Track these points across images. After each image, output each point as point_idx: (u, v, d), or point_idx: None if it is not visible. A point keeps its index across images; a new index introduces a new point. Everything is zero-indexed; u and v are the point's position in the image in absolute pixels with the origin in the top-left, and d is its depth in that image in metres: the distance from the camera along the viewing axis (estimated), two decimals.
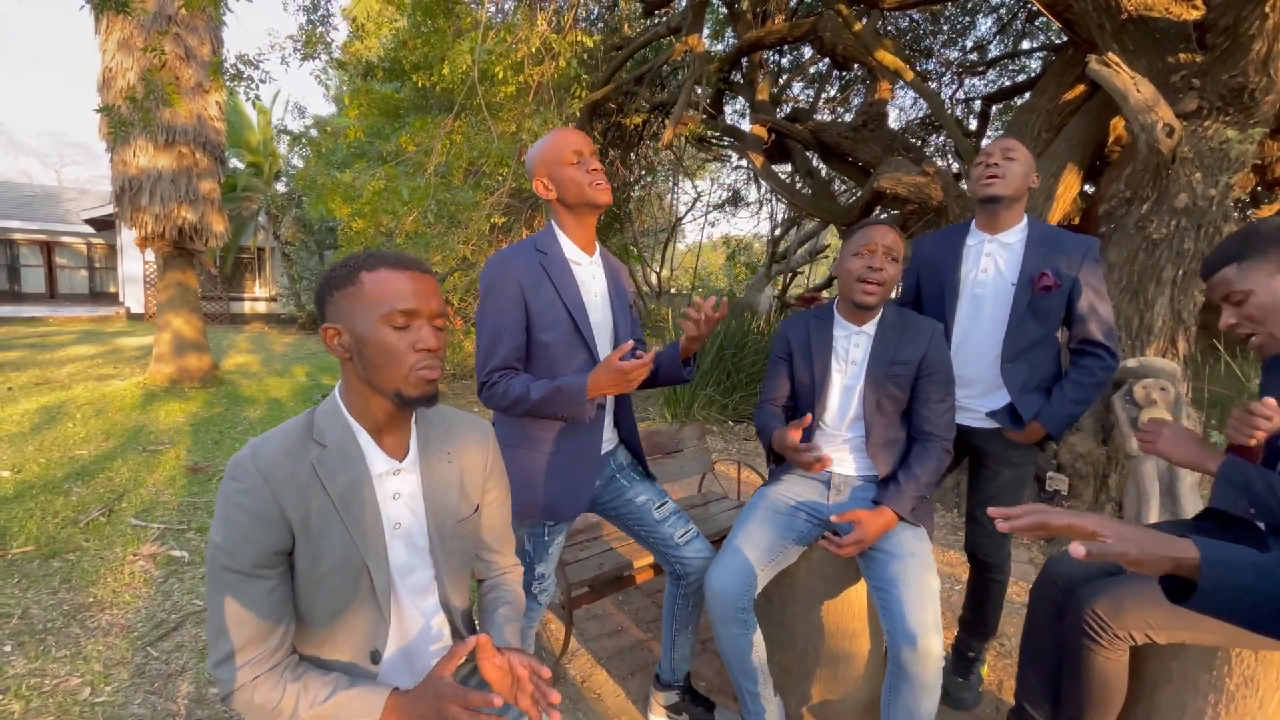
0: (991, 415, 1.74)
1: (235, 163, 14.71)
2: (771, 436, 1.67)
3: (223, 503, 0.83)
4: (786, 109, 7.55)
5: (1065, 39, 3.95)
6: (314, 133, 12.08)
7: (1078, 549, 0.69)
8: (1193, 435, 1.30)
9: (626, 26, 5.24)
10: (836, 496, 1.66)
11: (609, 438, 1.64)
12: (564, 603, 1.96)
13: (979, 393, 1.76)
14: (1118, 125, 3.64)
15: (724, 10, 6.81)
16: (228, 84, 4.47)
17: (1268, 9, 2.54)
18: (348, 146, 4.94)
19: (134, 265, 14.89)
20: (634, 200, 10.84)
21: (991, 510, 0.82)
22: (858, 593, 1.67)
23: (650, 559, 2.12)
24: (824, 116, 8.18)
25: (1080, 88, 3.77)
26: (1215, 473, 1.24)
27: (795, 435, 1.52)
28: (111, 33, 5.72)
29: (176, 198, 6.17)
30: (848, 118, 7.90)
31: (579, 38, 3.25)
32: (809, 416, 1.53)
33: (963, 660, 1.92)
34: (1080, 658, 1.28)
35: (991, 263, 1.73)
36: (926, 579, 1.43)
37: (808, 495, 1.68)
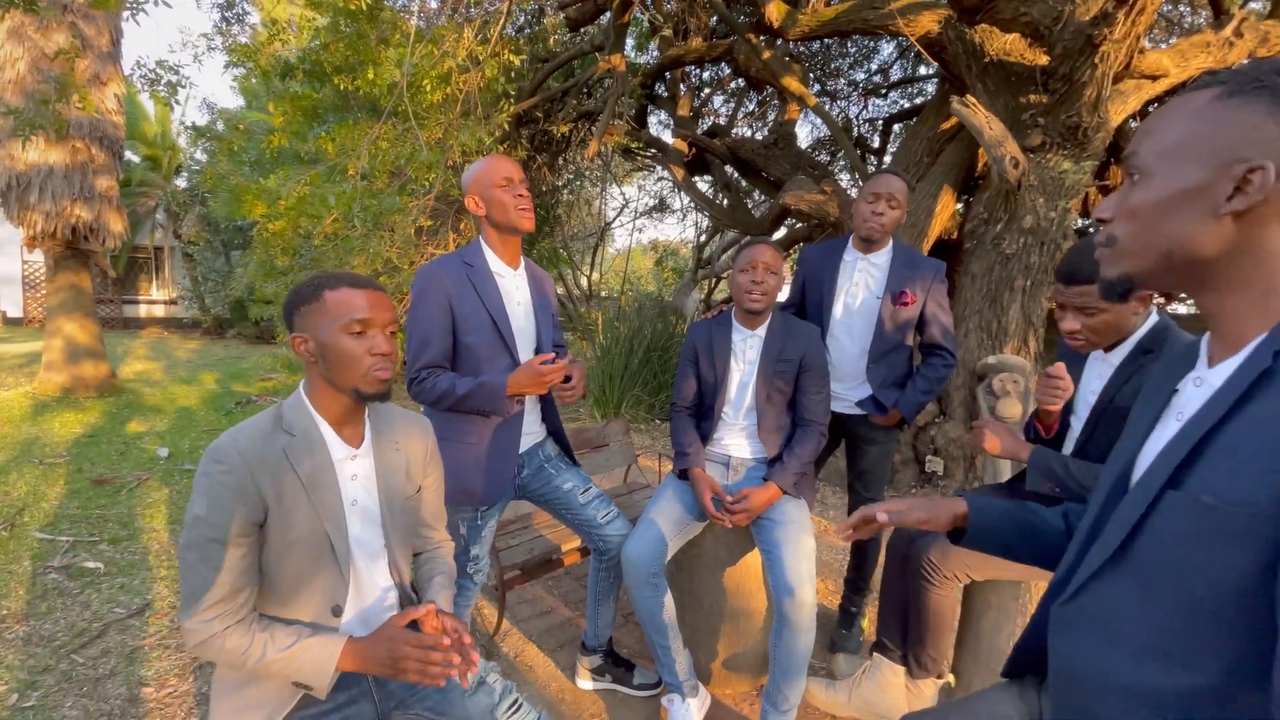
0: (859, 404, 2.07)
1: (130, 156, 13.68)
2: (680, 435, 1.94)
3: (205, 481, 0.98)
4: (707, 123, 7.95)
5: (944, 75, 4.47)
6: (220, 126, 11.45)
7: (881, 516, 0.97)
8: (1007, 431, 1.59)
9: (552, 40, 5.41)
10: (734, 476, 1.94)
11: (536, 431, 1.84)
12: (497, 585, 2.13)
13: (849, 386, 2.09)
14: (984, 153, 4.18)
15: (648, 25, 7.12)
16: (141, 89, 4.30)
17: (1096, 60, 3.06)
18: (271, 153, 4.84)
19: (10, 265, 13.53)
20: (563, 205, 10.97)
21: (836, 529, 1.08)
22: (754, 558, 1.94)
23: (577, 543, 2.33)
24: (744, 131, 8.66)
25: (955, 119, 4.30)
26: (1027, 460, 1.52)
27: (707, 497, 1.81)
28: (2, 21, 5.32)
29: (70, 195, 5.79)
30: (765, 133, 8.40)
31: (506, 55, 3.40)
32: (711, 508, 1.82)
33: (847, 615, 2.25)
34: (919, 596, 1.60)
35: (863, 279, 2.07)
36: (803, 540, 1.71)
37: (711, 476, 1.95)
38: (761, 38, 4.86)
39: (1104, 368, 1.47)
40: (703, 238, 12.27)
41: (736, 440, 1.96)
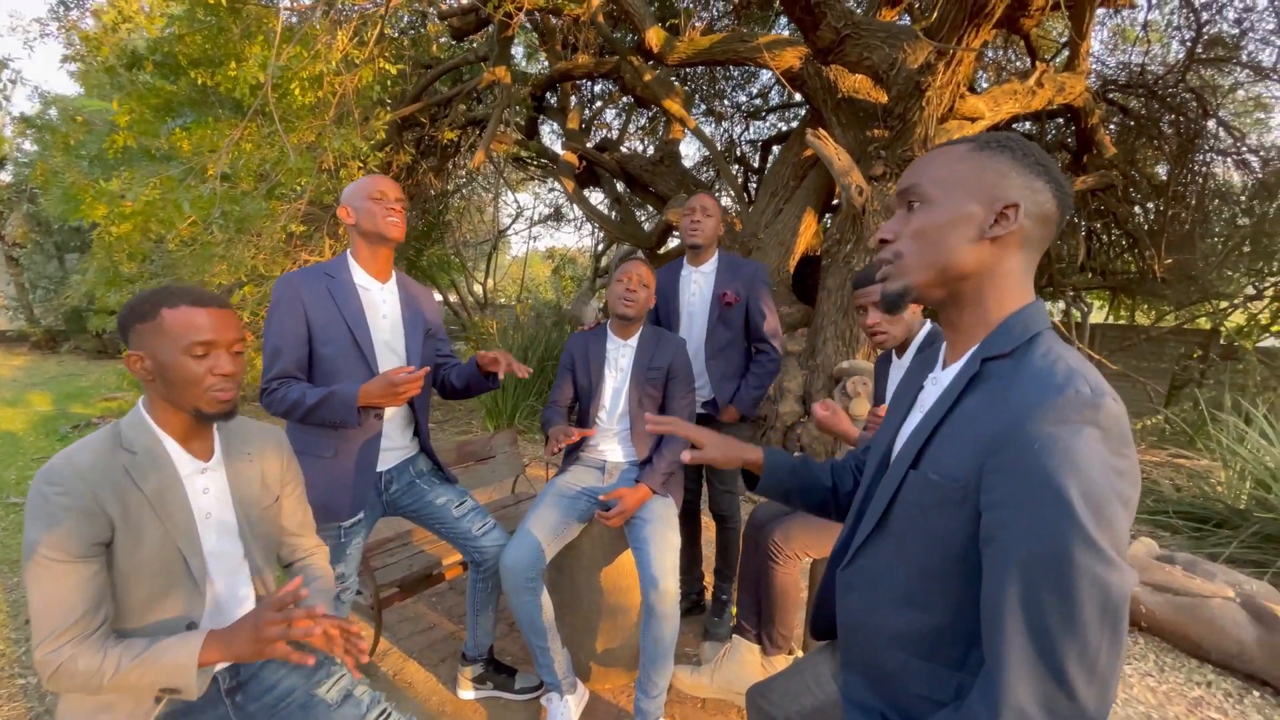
0: (704, 405, 2.30)
1: None
2: (550, 426, 2.03)
3: (42, 505, 0.94)
4: (599, 135, 8.13)
5: (807, 106, 4.91)
6: (53, 113, 10.09)
7: (686, 455, 1.12)
8: (843, 414, 1.85)
9: (435, 48, 5.34)
10: (609, 479, 2.05)
11: (406, 446, 1.86)
12: (373, 604, 2.10)
13: (697, 385, 2.30)
14: None
15: (536, 36, 7.18)
16: None
17: (924, 103, 3.51)
18: (115, 152, 4.39)
19: None
20: (453, 210, 10.72)
21: (648, 416, 1.19)
22: (628, 557, 2.06)
23: (458, 556, 2.34)
24: (635, 146, 8.93)
25: None
26: (858, 445, 1.80)
27: (566, 427, 1.91)
28: None
29: None
30: (654, 149, 8.71)
31: (381, 62, 3.33)
32: (577, 434, 1.95)
33: (717, 603, 2.43)
34: (768, 576, 1.80)
35: (697, 288, 2.32)
36: (668, 535, 1.86)
37: (588, 481, 2.05)
38: (644, 61, 5.08)
39: (898, 371, 1.76)
40: (600, 247, 12.46)
41: (610, 445, 2.08)
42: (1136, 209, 7.42)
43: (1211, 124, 6.52)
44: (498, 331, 7.32)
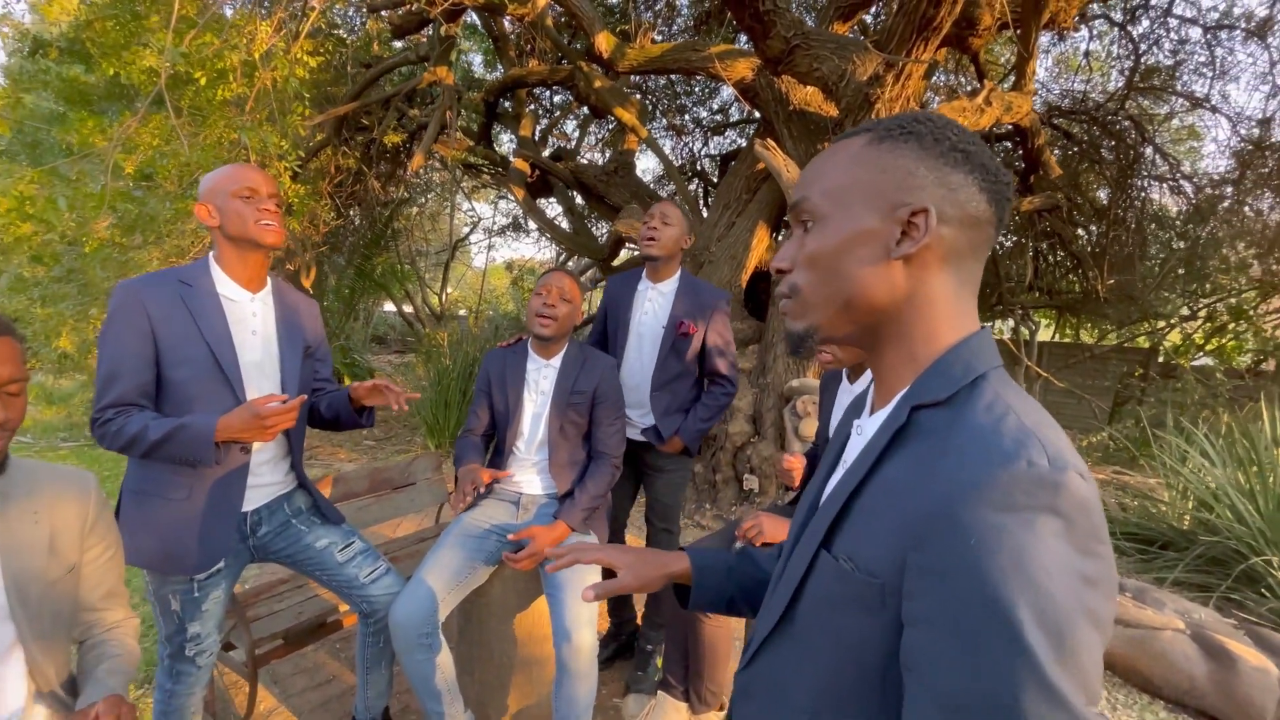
0: (643, 432, 2.08)
1: None
2: (460, 464, 1.79)
3: None
4: (556, 145, 7.95)
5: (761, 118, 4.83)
6: None
7: (588, 594, 0.87)
8: (778, 519, 1.64)
9: (376, 45, 5.08)
10: (524, 515, 1.83)
11: (280, 481, 1.61)
12: (247, 660, 1.82)
13: (639, 414, 2.09)
14: None
15: (491, 42, 6.98)
16: None
17: (873, 115, 3.43)
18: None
19: None
20: (404, 218, 10.36)
21: (542, 556, 0.96)
22: (545, 600, 1.84)
23: None
24: (593, 156, 8.78)
25: None
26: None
27: (476, 471, 1.69)
28: None
29: None
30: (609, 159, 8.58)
31: (301, 55, 3.07)
32: (487, 476, 1.73)
33: (642, 654, 2.21)
34: (696, 630, 1.60)
35: (652, 308, 2.09)
36: (587, 580, 1.65)
37: (500, 518, 1.83)
38: (597, 68, 4.93)
39: (848, 397, 1.59)
40: (561, 257, 12.23)
41: (528, 476, 1.87)
42: (1080, 231, 7.63)
43: (1149, 151, 6.74)
44: (449, 344, 7.01)
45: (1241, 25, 5.74)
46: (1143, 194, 7.15)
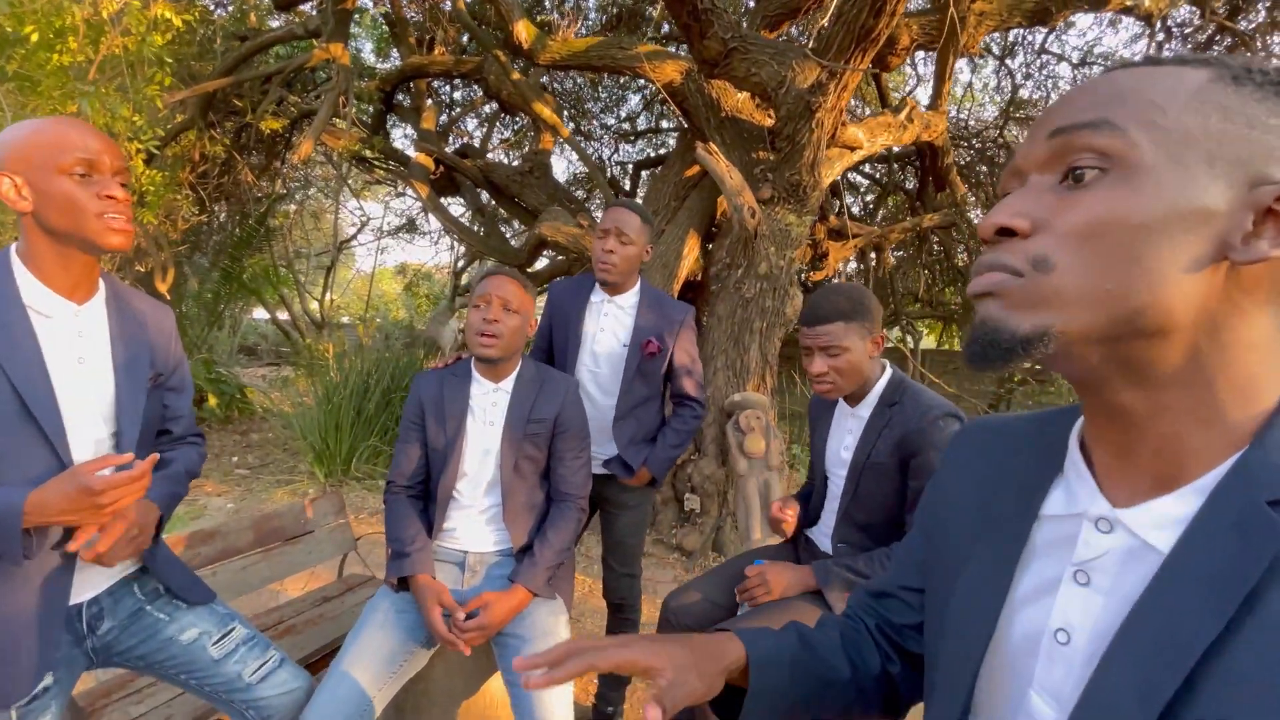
0: (606, 464, 1.82)
1: None
2: (394, 536, 1.43)
3: None
4: (458, 143, 7.43)
5: (686, 125, 4.71)
6: None
7: (653, 712, 0.56)
8: (784, 568, 1.43)
9: (253, 17, 4.41)
10: (472, 579, 1.49)
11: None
12: None
13: (598, 444, 1.82)
14: (723, 202, 4.47)
15: (387, 27, 6.38)
16: None
17: (814, 125, 3.37)
18: None
19: None
20: (281, 215, 9.30)
21: (521, 666, 0.63)
22: (499, 681, 1.52)
23: None
24: (499, 158, 8.31)
25: (697, 167, 4.53)
26: (820, 585, 1.37)
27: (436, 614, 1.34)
28: None
29: None
30: (520, 161, 8.17)
31: (160, 10, 2.49)
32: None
33: (601, 716, 1.93)
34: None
35: (610, 323, 1.83)
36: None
37: (442, 583, 1.47)
38: (513, 60, 4.58)
39: (853, 422, 1.43)
40: (460, 263, 11.53)
41: (474, 529, 1.52)
42: (961, 247, 8.29)
43: None
44: (335, 356, 6.26)
45: (1103, 63, 6.45)
46: None
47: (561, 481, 1.56)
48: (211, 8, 5.45)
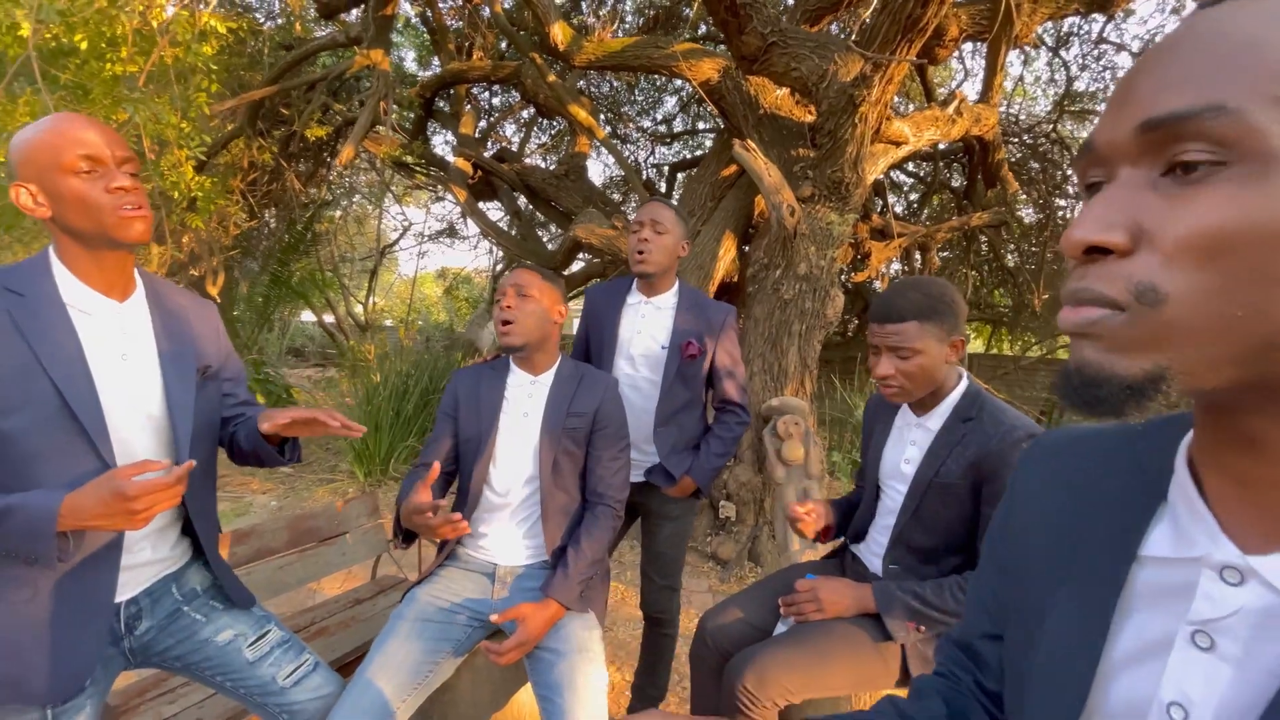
0: (647, 474, 1.75)
1: None
2: (404, 501, 1.37)
3: None
4: (496, 148, 7.50)
5: (723, 124, 4.62)
6: None
7: None
8: (841, 584, 1.33)
9: (299, 26, 4.52)
10: (501, 591, 1.44)
11: (168, 557, 1.18)
12: None
13: (638, 451, 1.76)
14: (761, 201, 4.36)
15: (428, 35, 6.49)
16: None
17: (857, 119, 3.25)
18: None
19: None
20: (326, 221, 9.57)
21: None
22: (529, 693, 1.47)
23: None
24: (536, 161, 8.37)
25: (734, 167, 4.44)
26: (879, 608, 1.26)
27: (424, 495, 1.23)
28: None
29: None
30: (556, 164, 8.21)
31: (207, 19, 2.56)
32: (436, 465, 1.27)
33: None
34: None
35: (647, 325, 1.77)
36: (592, 677, 1.29)
37: (469, 592, 1.43)
38: (548, 61, 4.59)
39: (919, 433, 1.31)
40: (499, 266, 11.67)
41: (505, 534, 1.48)
42: (1010, 247, 7.94)
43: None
44: (376, 357, 6.39)
45: None
46: (1066, 213, 7.50)
47: (599, 482, 1.50)
48: (261, 20, 5.63)
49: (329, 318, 11.73)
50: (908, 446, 1.34)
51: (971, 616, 0.60)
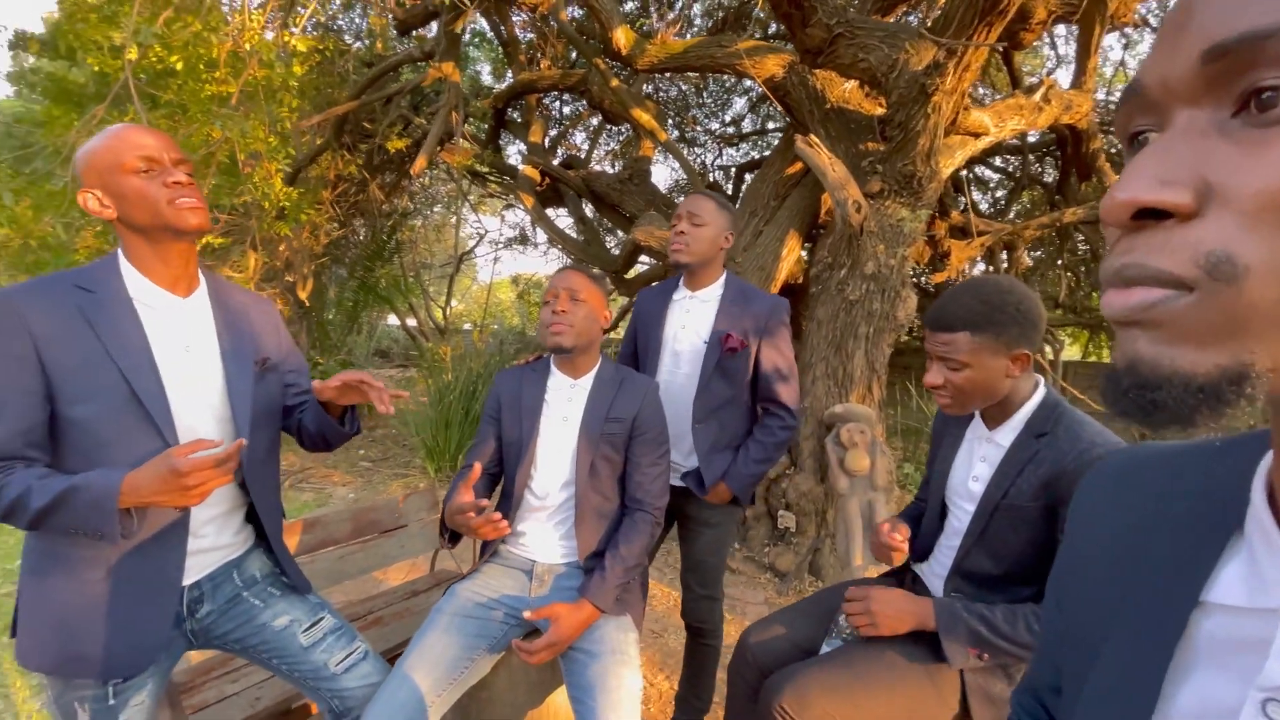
0: (684, 478, 1.70)
1: None
2: (449, 501, 1.39)
3: None
4: (565, 154, 7.66)
5: (789, 120, 4.50)
6: None
7: None
8: (900, 595, 1.22)
9: (380, 45, 4.79)
10: (539, 589, 1.44)
11: (230, 543, 1.24)
12: None
13: (678, 453, 1.71)
14: (827, 199, 4.20)
15: (501, 48, 6.72)
16: None
17: (929, 110, 3.07)
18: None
19: None
20: (408, 229, 10.09)
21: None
22: (564, 695, 1.45)
23: None
24: (604, 167, 8.48)
25: (800, 164, 4.30)
26: (939, 629, 1.15)
27: (466, 495, 1.27)
28: None
29: None
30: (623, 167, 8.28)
31: (289, 39, 2.75)
32: (477, 466, 1.30)
33: None
34: None
35: (690, 319, 1.72)
36: (625, 679, 1.26)
37: (507, 589, 1.44)
38: (613, 67, 4.62)
39: (989, 448, 1.19)
40: None
41: (544, 535, 1.48)
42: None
43: None
44: (451, 359, 6.67)
45: None
46: None
47: (637, 488, 1.48)
48: (350, 40, 6.02)
49: (411, 321, 12.36)
50: (977, 463, 1.22)
51: (1038, 662, 0.53)
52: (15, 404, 0.97)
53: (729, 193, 7.97)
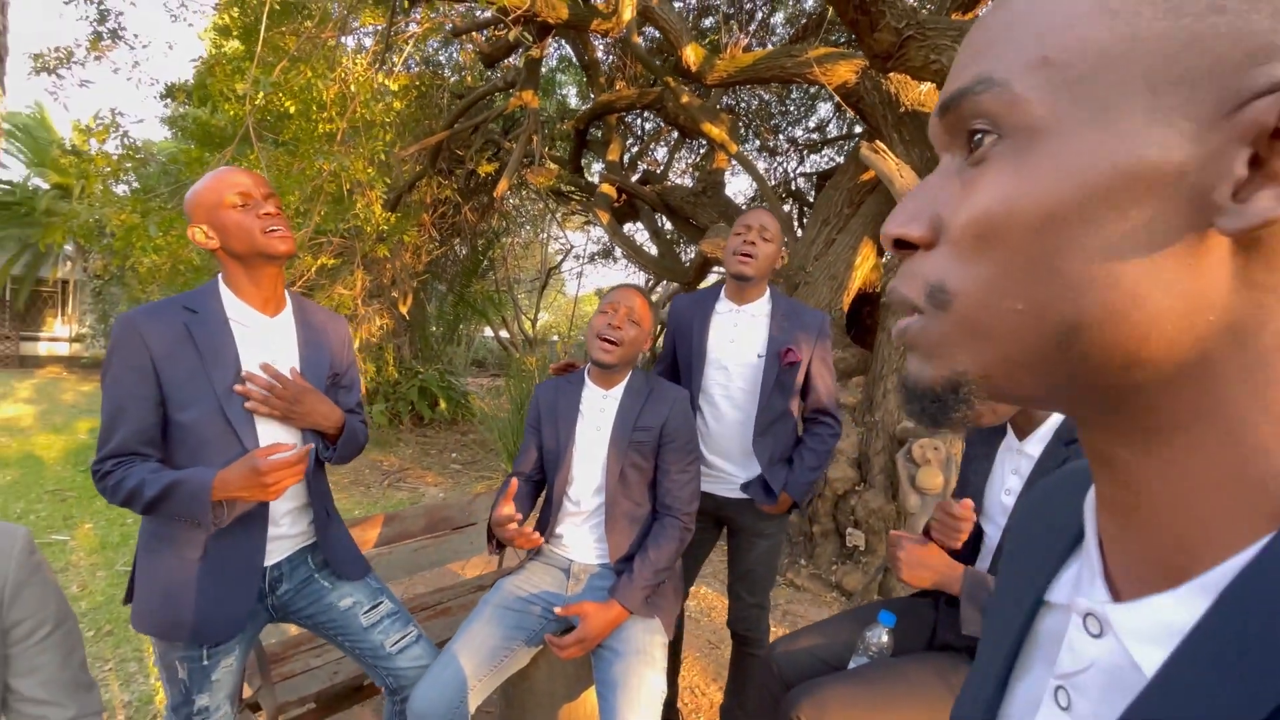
0: (744, 488, 1.72)
1: (38, 182, 12.81)
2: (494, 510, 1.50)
3: None
4: (641, 170, 7.84)
5: (863, 125, 4.39)
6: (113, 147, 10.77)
7: None
8: (933, 552, 1.18)
9: (469, 78, 5.17)
10: (575, 587, 1.52)
11: (304, 531, 1.41)
12: None
13: (732, 465, 1.73)
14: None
15: (583, 71, 7.02)
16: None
17: None
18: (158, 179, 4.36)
19: None
20: (499, 247, 10.69)
21: None
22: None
23: None
24: (682, 181, 8.59)
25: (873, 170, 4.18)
26: (961, 593, 1.13)
27: (506, 507, 1.37)
28: None
29: None
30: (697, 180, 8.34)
31: (381, 78, 3.07)
32: (514, 481, 1.41)
33: None
34: None
35: (740, 333, 1.74)
36: (647, 679, 1.31)
37: (546, 585, 1.53)
38: (686, 85, 4.72)
39: (1020, 460, 1.15)
40: (649, 282, 12.13)
41: (580, 537, 1.56)
42: None
43: None
44: (538, 369, 7.01)
45: None
46: None
47: (666, 494, 1.53)
48: (448, 73, 6.52)
49: (504, 333, 13.05)
50: (1009, 475, 1.18)
51: None
52: (135, 409, 1.18)
53: (811, 201, 7.81)
